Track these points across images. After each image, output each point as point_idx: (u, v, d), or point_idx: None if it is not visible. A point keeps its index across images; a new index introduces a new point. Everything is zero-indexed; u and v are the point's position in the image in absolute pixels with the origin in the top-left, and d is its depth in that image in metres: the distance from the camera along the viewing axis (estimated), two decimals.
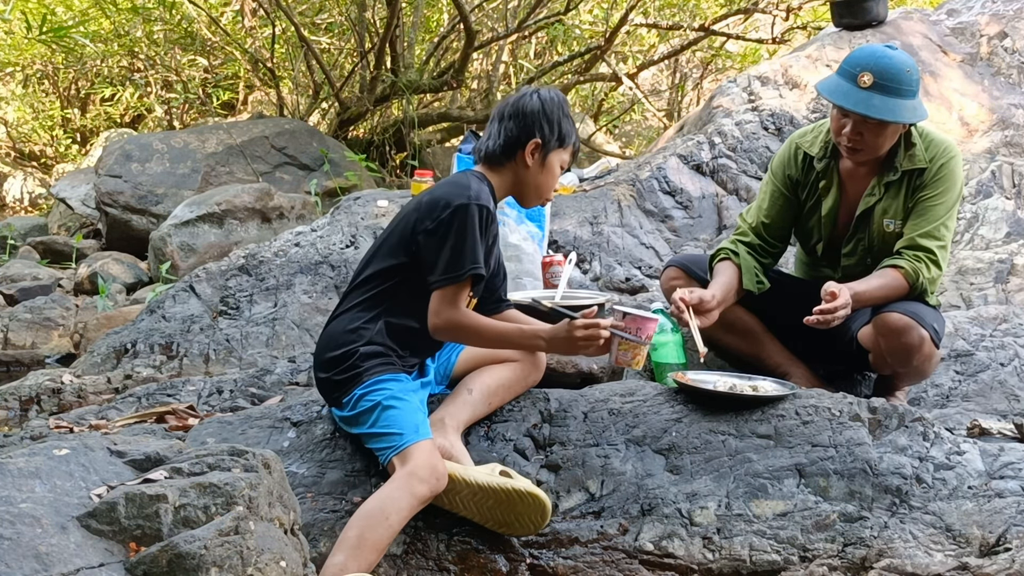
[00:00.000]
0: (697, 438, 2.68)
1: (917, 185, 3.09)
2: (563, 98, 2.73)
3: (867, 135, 2.99)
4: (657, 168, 5.14)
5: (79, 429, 3.05)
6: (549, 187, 2.74)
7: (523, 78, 10.67)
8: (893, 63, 2.98)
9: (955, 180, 3.09)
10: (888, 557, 2.47)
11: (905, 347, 2.94)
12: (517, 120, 2.66)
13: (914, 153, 3.09)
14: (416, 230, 2.59)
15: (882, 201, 3.13)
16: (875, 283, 3.01)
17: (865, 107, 2.93)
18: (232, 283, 4.46)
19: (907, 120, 2.99)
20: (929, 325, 2.95)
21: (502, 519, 2.47)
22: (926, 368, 3.08)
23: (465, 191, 2.56)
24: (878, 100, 2.93)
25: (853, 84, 2.97)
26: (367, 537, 2.29)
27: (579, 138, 2.79)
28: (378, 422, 2.48)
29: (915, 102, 3.00)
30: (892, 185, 3.11)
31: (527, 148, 2.66)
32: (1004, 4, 5.98)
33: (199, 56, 10.99)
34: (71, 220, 8.75)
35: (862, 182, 3.17)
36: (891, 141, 3.05)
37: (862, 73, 2.95)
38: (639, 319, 2.64)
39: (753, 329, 3.27)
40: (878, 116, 2.93)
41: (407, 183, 7.70)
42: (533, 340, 2.67)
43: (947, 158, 3.08)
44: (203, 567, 1.74)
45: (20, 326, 5.53)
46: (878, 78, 2.94)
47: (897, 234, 3.12)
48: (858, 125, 2.98)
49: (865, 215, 3.16)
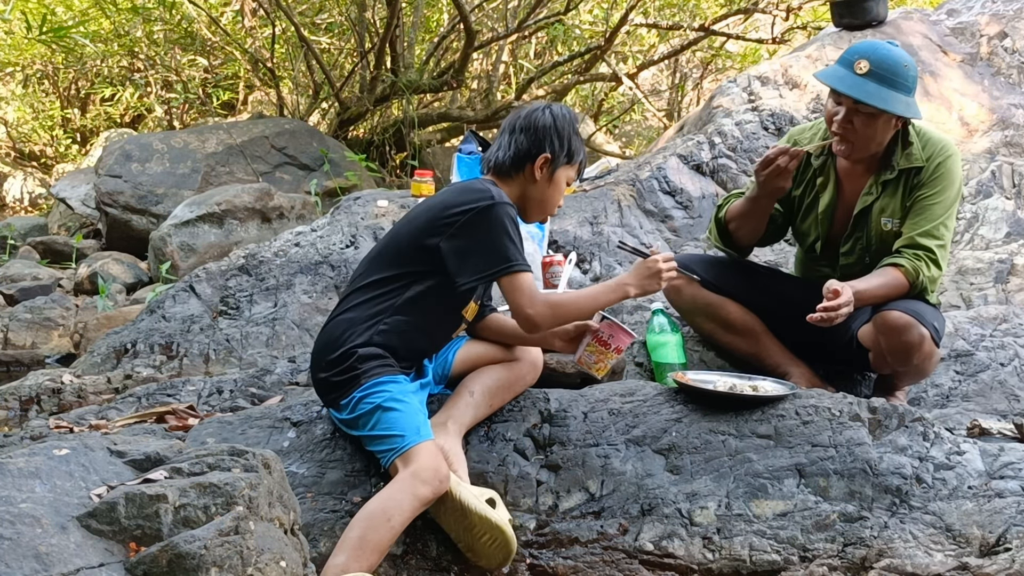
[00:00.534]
0: (697, 438, 2.68)
1: (915, 184, 3.08)
2: (574, 115, 2.77)
3: (858, 124, 2.99)
4: (657, 168, 5.14)
5: (79, 429, 3.05)
6: (554, 202, 2.77)
7: (523, 78, 10.68)
8: (891, 54, 3.00)
9: (953, 179, 3.09)
10: (888, 557, 2.47)
11: (905, 345, 2.94)
12: (528, 133, 2.69)
13: (911, 152, 3.09)
14: (435, 235, 2.58)
15: (880, 200, 3.13)
16: (876, 282, 3.01)
17: (858, 91, 2.94)
18: (232, 283, 4.47)
19: (898, 112, 2.98)
20: (929, 324, 2.95)
21: (470, 543, 2.47)
22: (926, 367, 3.07)
23: (487, 193, 2.59)
24: (872, 87, 2.94)
25: (850, 70, 2.99)
26: (369, 538, 2.29)
27: (586, 156, 2.83)
28: (379, 424, 2.48)
29: (909, 99, 3.00)
30: (889, 184, 3.11)
31: (536, 162, 2.69)
32: (1004, 4, 5.98)
33: (199, 56, 10.99)
34: (71, 220, 8.75)
35: (859, 180, 3.17)
36: (881, 137, 3.04)
37: (859, 60, 2.97)
38: (615, 327, 2.66)
39: (753, 328, 3.27)
40: (869, 101, 2.94)
41: (407, 183, 7.69)
42: (622, 289, 2.70)
43: (944, 156, 3.07)
44: (203, 567, 1.74)
45: (20, 326, 5.53)
46: (874, 66, 2.95)
47: (895, 233, 3.11)
48: (850, 113, 2.98)
49: (863, 214, 3.15)
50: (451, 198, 2.65)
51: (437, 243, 2.57)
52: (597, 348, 2.67)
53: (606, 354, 2.68)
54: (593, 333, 2.70)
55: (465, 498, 2.43)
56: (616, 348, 2.69)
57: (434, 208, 2.66)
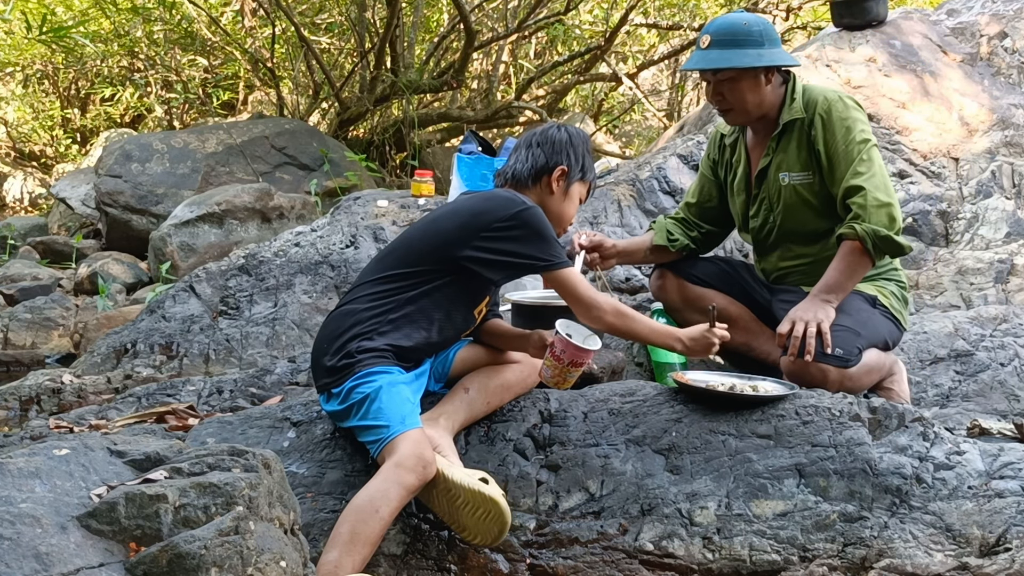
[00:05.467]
0: (697, 438, 2.68)
1: (811, 138, 3.12)
2: (587, 136, 2.92)
3: (725, 92, 3.12)
4: (657, 168, 5.13)
5: (79, 429, 3.05)
6: (569, 216, 2.87)
7: (523, 78, 10.68)
8: (728, 19, 3.16)
9: (849, 123, 3.08)
10: (888, 557, 2.47)
11: (812, 383, 2.88)
12: (545, 147, 2.81)
13: (793, 107, 3.16)
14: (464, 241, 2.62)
15: (775, 158, 3.19)
16: (834, 268, 3.01)
17: (704, 62, 3.11)
18: (232, 283, 4.47)
19: (745, 64, 3.06)
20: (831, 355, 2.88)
21: (462, 522, 2.47)
22: (853, 387, 2.96)
23: (519, 198, 2.68)
24: (715, 54, 3.09)
25: (699, 50, 3.15)
26: (359, 532, 2.29)
27: (596, 177, 2.96)
28: (368, 414, 2.49)
29: (760, 50, 3.08)
30: (781, 139, 3.18)
31: (553, 174, 2.80)
32: (1004, 4, 5.97)
33: (199, 56, 10.99)
34: (71, 220, 8.76)
35: (761, 147, 3.25)
36: (755, 96, 3.12)
37: (703, 38, 3.14)
38: (568, 344, 2.62)
39: (741, 318, 3.30)
40: (713, 66, 3.09)
41: (407, 183, 7.70)
42: (672, 338, 2.76)
43: (827, 105, 3.11)
44: (203, 567, 1.74)
45: (20, 326, 5.53)
46: (714, 36, 3.10)
47: (793, 188, 3.14)
48: (716, 86, 3.13)
49: (762, 174, 3.23)
50: (480, 205, 2.70)
51: (464, 249, 2.62)
52: (552, 363, 2.65)
53: (562, 369, 2.64)
54: (549, 346, 2.67)
55: (454, 476, 2.44)
56: (572, 363, 2.64)
57: (461, 214, 2.69)
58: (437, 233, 2.68)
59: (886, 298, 3.14)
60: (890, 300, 3.15)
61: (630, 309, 2.74)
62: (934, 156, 5.10)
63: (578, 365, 2.65)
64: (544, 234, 2.64)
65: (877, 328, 3.06)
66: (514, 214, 2.62)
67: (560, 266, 2.66)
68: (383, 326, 2.59)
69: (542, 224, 2.65)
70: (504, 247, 2.63)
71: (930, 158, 5.09)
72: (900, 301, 3.18)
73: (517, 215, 2.62)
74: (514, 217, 2.62)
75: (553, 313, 2.84)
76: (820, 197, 3.13)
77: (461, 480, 2.44)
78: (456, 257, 2.62)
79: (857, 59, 5.40)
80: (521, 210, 2.63)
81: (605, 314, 2.66)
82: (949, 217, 4.88)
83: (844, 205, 3.04)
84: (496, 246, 2.62)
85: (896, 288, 3.19)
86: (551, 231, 2.67)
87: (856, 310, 3.04)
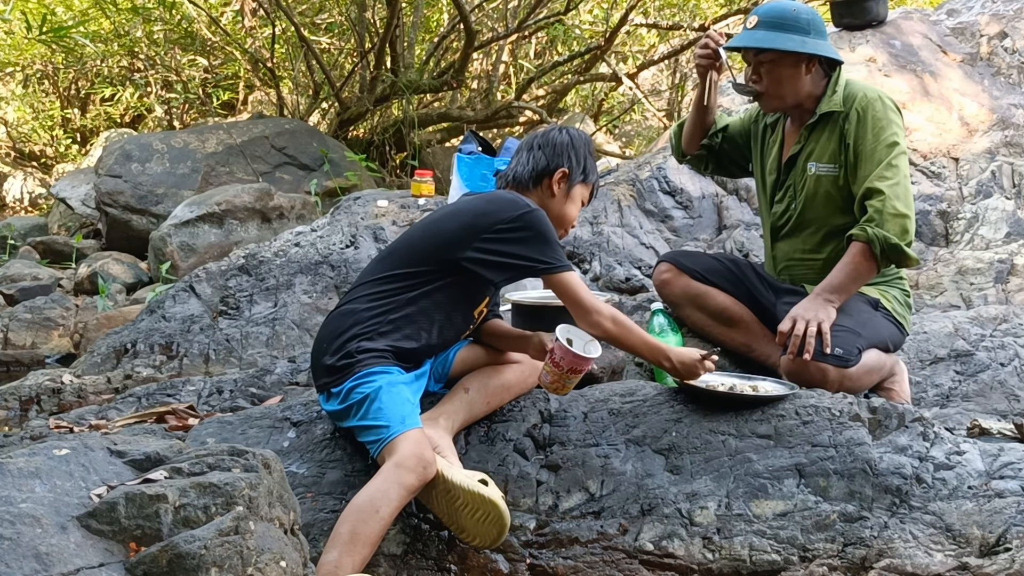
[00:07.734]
0: (697, 438, 2.68)
1: (844, 131, 3.12)
2: (589, 138, 2.90)
3: (764, 74, 3.12)
4: (657, 168, 5.13)
5: (79, 429, 3.05)
6: (571, 218, 2.86)
7: (523, 78, 10.68)
8: (778, 5, 3.16)
9: (884, 124, 3.08)
10: (888, 557, 2.47)
11: (811, 383, 2.88)
12: (546, 150, 2.81)
13: (833, 99, 3.16)
14: (467, 242, 2.62)
15: (807, 146, 3.19)
16: (839, 269, 3.01)
17: (749, 40, 3.12)
18: (232, 283, 4.47)
19: (790, 48, 3.07)
20: (831, 354, 2.89)
21: (461, 523, 2.47)
22: (853, 387, 2.96)
23: (520, 200, 2.68)
24: (760, 34, 3.10)
25: (745, 30, 3.16)
26: (359, 532, 2.29)
27: (599, 179, 2.95)
28: (367, 414, 2.49)
29: (805, 38, 3.09)
30: (815, 129, 3.17)
31: (555, 176, 2.79)
32: (1004, 4, 5.97)
33: (199, 56, 11.00)
34: (71, 220, 8.76)
35: (795, 134, 3.26)
36: (793, 83, 3.12)
37: (751, 19, 3.16)
38: (568, 351, 2.60)
39: (742, 317, 3.30)
40: (757, 45, 3.09)
41: (407, 183, 7.70)
42: (661, 354, 2.73)
43: (866, 102, 3.11)
44: (203, 567, 1.74)
45: (20, 326, 5.54)
46: (762, 18, 3.12)
47: (818, 179, 3.14)
48: (756, 67, 3.14)
49: (791, 161, 3.23)
50: (483, 206, 2.70)
51: (466, 251, 2.61)
52: (551, 369, 2.64)
53: (561, 375, 2.63)
54: (549, 352, 2.66)
55: (454, 477, 2.44)
56: (571, 370, 2.62)
57: (463, 216, 2.69)
58: (438, 234, 2.68)
59: (888, 302, 3.15)
60: (892, 304, 3.15)
61: (628, 319, 2.73)
62: (934, 156, 5.11)
63: (577, 372, 2.64)
64: (546, 237, 2.64)
65: (878, 329, 3.07)
66: (517, 216, 2.62)
67: (561, 269, 2.65)
68: (383, 326, 2.59)
69: (545, 227, 2.64)
70: (506, 249, 2.62)
71: (930, 158, 5.09)
72: (903, 306, 3.19)
73: (520, 217, 2.62)
74: (517, 219, 2.62)
75: (553, 313, 2.84)
76: (843, 192, 3.13)
77: (461, 481, 2.44)
78: (457, 258, 2.62)
79: (857, 59, 5.40)
80: (524, 212, 2.63)
81: (604, 319, 2.65)
82: (949, 217, 4.89)
83: (861, 206, 3.04)
84: (498, 248, 2.62)
85: (899, 294, 3.20)
86: (554, 234, 2.67)
87: (857, 311, 3.04)
